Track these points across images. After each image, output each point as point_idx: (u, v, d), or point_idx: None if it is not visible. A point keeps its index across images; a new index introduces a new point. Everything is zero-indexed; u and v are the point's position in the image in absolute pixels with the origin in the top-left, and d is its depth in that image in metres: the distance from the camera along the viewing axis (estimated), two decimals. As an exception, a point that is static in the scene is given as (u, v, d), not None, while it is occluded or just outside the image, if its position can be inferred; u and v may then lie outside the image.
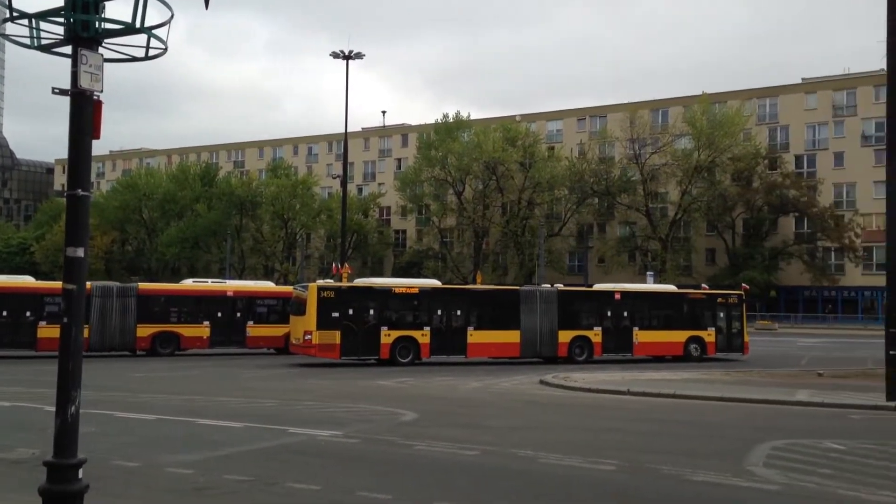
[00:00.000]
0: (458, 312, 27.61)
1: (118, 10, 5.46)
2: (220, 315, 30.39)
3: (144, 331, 28.98)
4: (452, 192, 74.28)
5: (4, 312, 27.51)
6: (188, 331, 29.79)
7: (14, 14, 5.34)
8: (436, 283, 30.58)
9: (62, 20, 5.39)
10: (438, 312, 27.39)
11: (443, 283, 33.20)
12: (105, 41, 5.50)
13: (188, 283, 33.22)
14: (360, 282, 30.21)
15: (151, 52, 5.63)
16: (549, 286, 31.22)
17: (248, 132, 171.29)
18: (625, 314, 29.37)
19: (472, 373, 24.42)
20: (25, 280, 30.51)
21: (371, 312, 26.55)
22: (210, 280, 37.54)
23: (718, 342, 30.07)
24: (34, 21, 5.44)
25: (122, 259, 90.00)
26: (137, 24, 5.36)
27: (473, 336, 27.34)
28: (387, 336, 26.33)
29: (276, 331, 30.21)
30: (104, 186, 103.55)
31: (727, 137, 64.17)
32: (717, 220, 66.88)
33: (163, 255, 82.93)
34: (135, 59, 5.72)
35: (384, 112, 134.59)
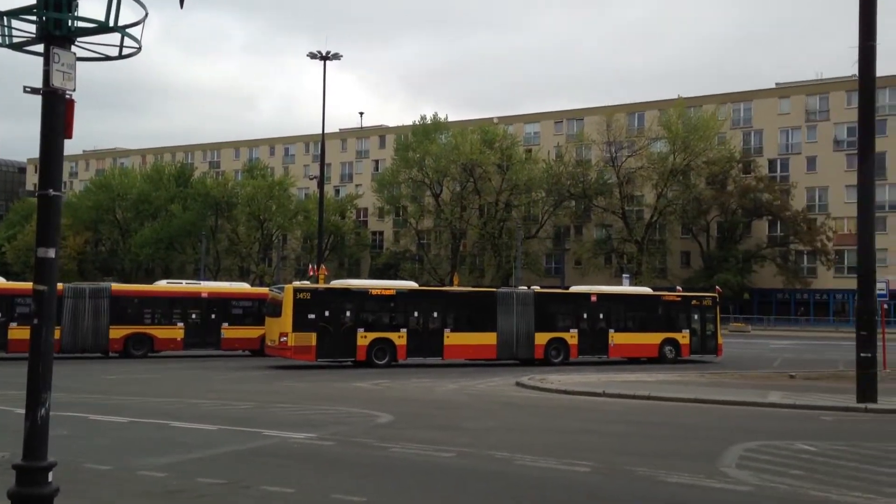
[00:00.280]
0: (435, 314, 27.61)
1: (91, 9, 5.41)
2: (195, 317, 30.21)
3: (117, 332, 28.70)
4: (430, 194, 74.30)
5: (-26, 313, 27.09)
6: (162, 332, 29.52)
7: (-15, 11, 5.27)
8: (412, 285, 30.57)
9: (34, 18, 5.33)
10: (415, 314, 27.37)
11: (420, 285, 33.20)
12: (78, 40, 5.45)
13: (162, 285, 32.95)
14: (337, 283, 30.12)
15: (125, 51, 5.58)
16: (526, 288, 31.32)
17: (224, 132, 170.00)
18: (601, 316, 29.53)
19: (449, 375, 24.42)
20: (-4, 280, 30.06)
21: (347, 314, 26.47)
22: (184, 281, 37.24)
23: (693, 344, 30.31)
24: (6, 19, 5.37)
25: (96, 260, 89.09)
26: (111, 23, 5.31)
27: (450, 338, 27.35)
28: (363, 338, 26.26)
29: (252, 333, 30.03)
30: (77, 186, 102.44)
31: (702, 141, 64.81)
32: (692, 223, 67.52)
33: (136, 256, 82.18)
34: (108, 58, 5.67)
35: (362, 113, 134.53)
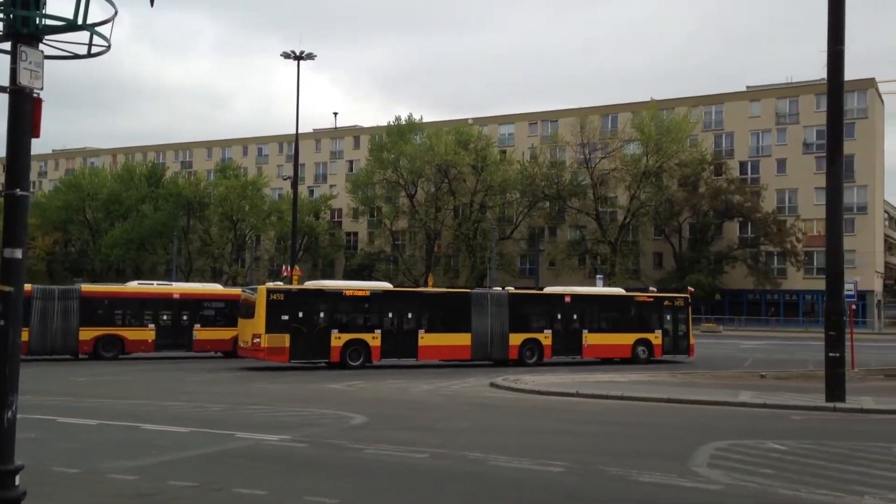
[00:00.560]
0: (410, 315, 27.58)
1: (60, 7, 5.34)
2: (166, 318, 29.97)
3: (87, 334, 28.36)
4: (404, 195, 74.24)
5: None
6: (132, 334, 29.22)
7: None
8: (387, 286, 30.51)
9: (1, 15, 5.25)
10: (389, 315, 27.33)
11: (394, 286, 33.16)
12: (46, 38, 5.38)
13: (133, 286, 32.59)
14: (311, 284, 29.99)
15: (94, 50, 5.52)
16: (501, 289, 31.39)
17: (197, 132, 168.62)
18: (574, 317, 29.67)
19: (423, 375, 24.41)
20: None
21: (321, 315, 26.37)
22: (155, 282, 36.92)
23: (665, 344, 30.55)
24: (-28, 16, 5.28)
25: (65, 260, 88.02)
26: (79, 21, 5.25)
27: (425, 339, 27.34)
28: (337, 339, 26.17)
29: (224, 334, 29.83)
30: (46, 186, 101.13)
31: (674, 143, 65.40)
32: (665, 225, 68.12)
33: (107, 257, 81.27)
34: (77, 57, 5.60)
35: (336, 114, 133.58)
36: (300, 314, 25.86)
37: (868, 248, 65.28)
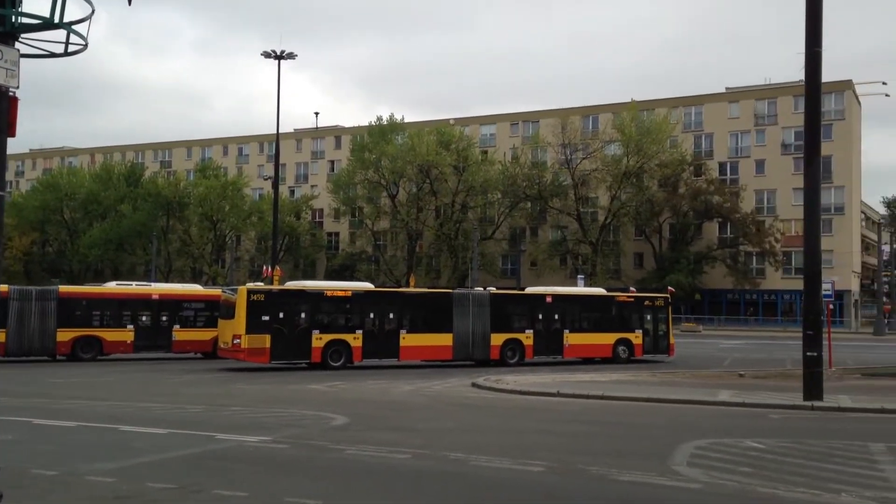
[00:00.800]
0: (391, 315, 27.53)
1: (36, 5, 5.28)
2: (145, 319, 29.73)
3: (65, 335, 28.07)
4: (386, 195, 74.13)
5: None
6: (111, 335, 28.96)
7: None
8: (368, 286, 30.45)
9: (-24, 13, 5.18)
10: (371, 315, 27.26)
11: (376, 286, 33.08)
12: (22, 36, 5.31)
13: (111, 286, 32.28)
14: (292, 285, 29.86)
15: (71, 49, 5.47)
16: (482, 289, 31.41)
17: (176, 131, 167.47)
18: (556, 317, 29.74)
19: (405, 376, 24.37)
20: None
21: (302, 316, 26.26)
22: (134, 283, 36.59)
23: (645, 344, 30.69)
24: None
25: (43, 261, 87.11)
26: (56, 20, 5.20)
27: (406, 339, 27.30)
28: (318, 340, 26.08)
29: (204, 335, 29.64)
30: (24, 186, 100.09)
31: (654, 144, 65.79)
32: (645, 225, 68.51)
33: (85, 257, 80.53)
34: (53, 55, 5.54)
35: (317, 113, 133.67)
36: (281, 315, 25.75)
37: (845, 249, 66.01)
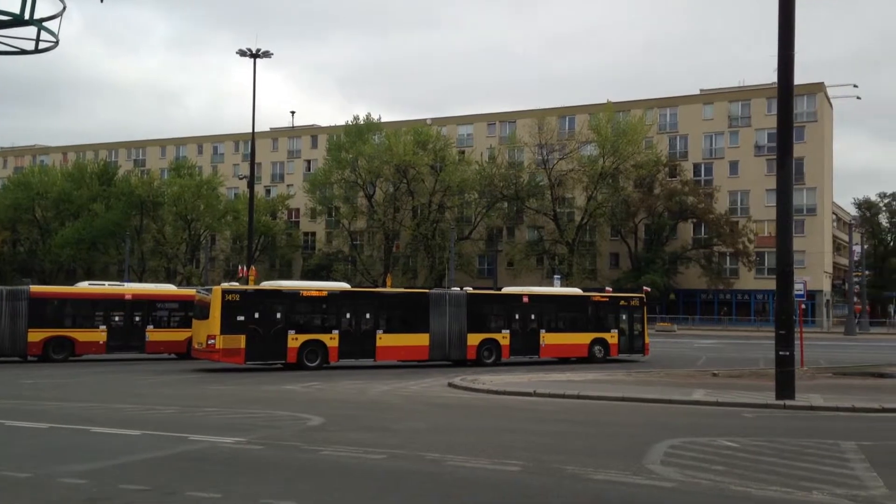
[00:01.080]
0: (368, 315, 27.47)
1: (6, 2, 5.20)
2: (118, 319, 29.46)
3: (36, 335, 27.74)
4: (363, 195, 73.95)
5: None
6: (83, 335, 28.64)
7: None
8: (345, 286, 30.36)
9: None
10: (347, 316, 27.18)
11: (352, 286, 32.97)
12: (-9, 32, 5.23)
13: (84, 286, 31.93)
14: (267, 285, 29.69)
15: (42, 46, 5.40)
16: (459, 289, 31.43)
17: (150, 130, 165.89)
18: (532, 317, 29.83)
19: (381, 376, 24.32)
20: None
21: (278, 316, 26.12)
22: (107, 283, 36.27)
23: (621, 343, 30.88)
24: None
25: (14, 260, 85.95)
26: (26, 16, 5.14)
27: (382, 339, 27.25)
28: (294, 340, 25.95)
29: (178, 335, 29.43)
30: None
31: (630, 145, 66.24)
32: (621, 226, 68.95)
33: (57, 257, 79.52)
34: (24, 52, 5.48)
35: (293, 112, 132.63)
36: (256, 315, 25.60)
37: (817, 249, 66.91)
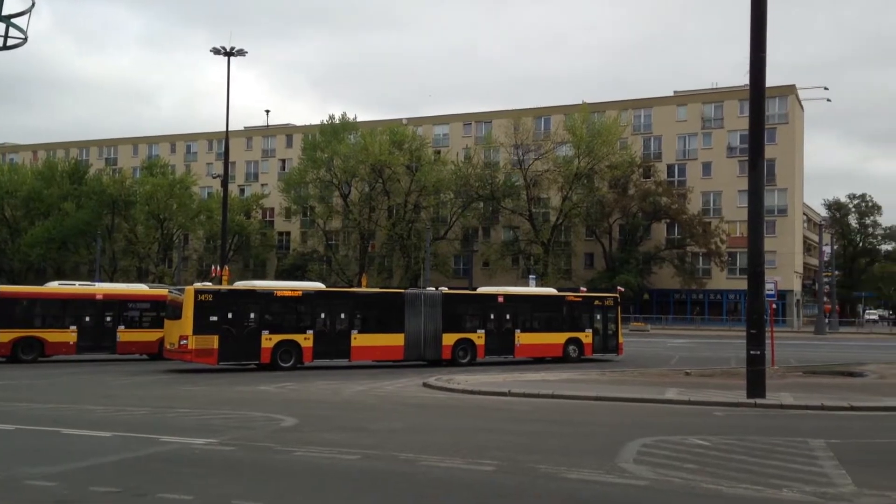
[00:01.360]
0: (343, 315, 27.36)
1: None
2: (88, 319, 29.05)
3: (4, 336, 27.36)
4: (338, 195, 73.67)
5: None
6: (53, 336, 28.24)
7: None
8: (319, 286, 30.21)
9: None
10: (322, 316, 27.06)
11: (327, 286, 32.83)
12: (-44, 26, 5.14)
13: (53, 286, 31.49)
14: (241, 284, 29.47)
15: (10, 42, 5.32)
16: (434, 289, 31.42)
17: (122, 128, 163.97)
18: (507, 317, 29.89)
19: (356, 376, 24.25)
20: None
21: (252, 316, 25.93)
22: (78, 283, 35.81)
23: (595, 343, 31.04)
24: None
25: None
26: (-7, 10, 5.04)
27: (357, 339, 27.16)
28: (268, 340, 25.79)
29: (150, 336, 29.11)
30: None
31: (605, 146, 66.64)
32: (596, 226, 69.36)
33: (27, 256, 78.35)
34: (-10, 47, 5.37)
35: (268, 111, 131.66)
36: (229, 315, 25.40)
37: (788, 249, 67.76)
